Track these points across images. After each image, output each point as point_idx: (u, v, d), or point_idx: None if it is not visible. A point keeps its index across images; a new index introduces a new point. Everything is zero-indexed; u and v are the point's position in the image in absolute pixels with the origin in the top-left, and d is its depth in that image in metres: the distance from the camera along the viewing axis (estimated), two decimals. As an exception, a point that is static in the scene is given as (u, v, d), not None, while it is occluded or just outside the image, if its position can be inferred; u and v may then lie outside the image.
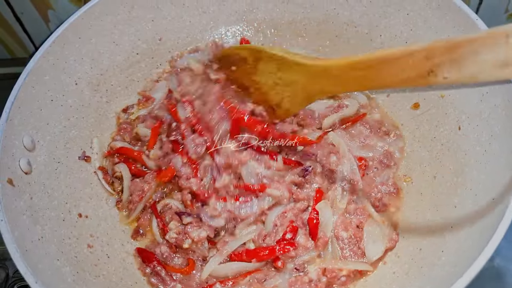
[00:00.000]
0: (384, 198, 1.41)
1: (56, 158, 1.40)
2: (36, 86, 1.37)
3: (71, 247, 1.28)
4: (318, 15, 1.67)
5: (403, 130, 1.54)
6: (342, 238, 1.34)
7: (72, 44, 1.48)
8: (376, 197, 1.41)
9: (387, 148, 1.49)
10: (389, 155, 1.48)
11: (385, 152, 1.49)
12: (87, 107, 1.53)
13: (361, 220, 1.36)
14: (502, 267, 1.49)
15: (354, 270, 1.30)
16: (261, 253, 1.30)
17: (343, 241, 1.34)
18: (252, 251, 1.31)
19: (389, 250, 1.33)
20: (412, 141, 1.50)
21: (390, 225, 1.36)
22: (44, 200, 1.30)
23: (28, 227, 1.19)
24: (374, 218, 1.36)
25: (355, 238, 1.34)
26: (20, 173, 1.26)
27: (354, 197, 1.40)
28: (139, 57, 1.65)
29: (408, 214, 1.39)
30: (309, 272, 1.30)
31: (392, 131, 1.54)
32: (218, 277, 1.32)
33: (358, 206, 1.38)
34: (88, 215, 1.40)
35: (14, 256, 1.06)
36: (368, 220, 1.36)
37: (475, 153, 1.27)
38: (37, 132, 1.36)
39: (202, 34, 1.73)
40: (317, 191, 1.39)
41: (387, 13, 1.54)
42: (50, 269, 1.15)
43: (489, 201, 1.14)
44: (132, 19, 1.60)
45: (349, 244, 1.34)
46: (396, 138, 1.52)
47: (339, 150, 1.45)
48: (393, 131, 1.54)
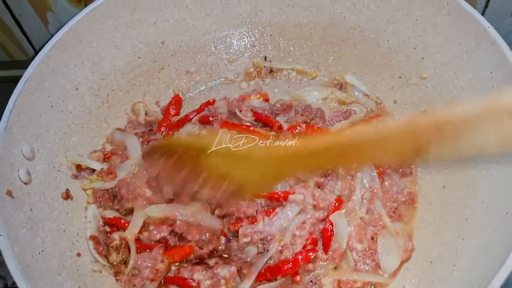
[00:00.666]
0: (400, 208, 1.38)
1: (56, 166, 1.37)
2: (36, 92, 1.33)
3: (72, 260, 1.25)
4: (324, 19, 1.63)
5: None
6: (357, 251, 1.31)
7: (72, 48, 1.44)
8: (392, 207, 1.38)
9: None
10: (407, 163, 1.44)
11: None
12: (88, 113, 1.50)
13: (375, 232, 1.33)
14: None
15: (369, 282, 1.27)
16: (285, 266, 1.25)
17: (358, 254, 1.31)
18: (276, 268, 1.26)
19: (405, 261, 1.30)
20: (420, 149, 1.47)
21: (405, 235, 1.32)
22: (44, 210, 1.27)
23: (28, 240, 1.16)
24: (388, 229, 1.32)
25: (369, 250, 1.31)
26: (19, 184, 1.22)
27: (371, 205, 1.36)
28: (141, 61, 1.62)
29: (417, 225, 1.37)
30: (324, 285, 1.27)
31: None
32: None
33: (374, 216, 1.34)
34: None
35: (14, 274, 1.02)
36: (382, 231, 1.33)
37: (487, 164, 1.24)
38: (36, 140, 1.32)
39: (205, 37, 1.69)
40: (337, 200, 1.36)
41: (395, 18, 1.51)
42: (52, 285, 1.12)
43: (502, 214, 1.11)
44: (134, 22, 1.57)
45: (363, 257, 1.30)
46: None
47: None
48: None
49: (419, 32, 1.47)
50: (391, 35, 1.54)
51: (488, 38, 1.26)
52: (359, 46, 1.62)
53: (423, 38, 1.46)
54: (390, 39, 1.55)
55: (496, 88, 1.24)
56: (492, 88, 1.25)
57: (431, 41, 1.44)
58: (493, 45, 1.25)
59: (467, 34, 1.33)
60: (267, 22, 1.69)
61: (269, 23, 1.69)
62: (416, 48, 1.49)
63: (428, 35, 1.45)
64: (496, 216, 1.14)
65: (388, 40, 1.55)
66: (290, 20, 1.67)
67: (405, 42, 1.51)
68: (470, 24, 1.32)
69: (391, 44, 1.55)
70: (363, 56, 1.62)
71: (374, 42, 1.58)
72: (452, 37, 1.38)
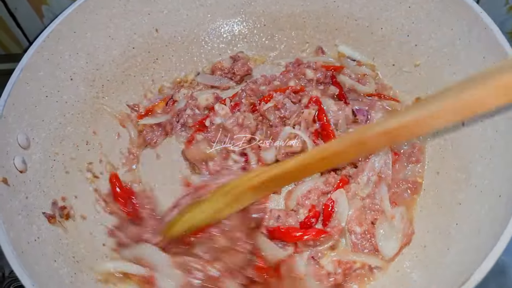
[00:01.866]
0: (404, 193, 1.38)
1: (51, 155, 1.37)
2: (31, 82, 1.34)
3: (68, 248, 1.25)
4: (318, 8, 1.64)
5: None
6: (356, 233, 1.31)
7: (67, 38, 1.44)
8: (396, 192, 1.38)
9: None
10: (419, 150, 1.44)
11: (413, 145, 1.45)
12: (83, 103, 1.50)
13: (375, 217, 1.33)
14: (505, 262, 1.48)
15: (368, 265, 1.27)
16: (293, 233, 1.29)
17: (356, 236, 1.31)
18: (286, 232, 1.30)
19: (404, 245, 1.30)
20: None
21: (406, 220, 1.32)
22: (40, 199, 1.27)
23: (24, 227, 1.16)
24: (386, 214, 1.32)
25: (368, 234, 1.31)
26: (15, 172, 1.23)
27: (376, 189, 1.36)
28: (135, 51, 1.62)
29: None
30: (324, 265, 1.27)
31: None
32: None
33: (375, 200, 1.35)
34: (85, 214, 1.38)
35: (10, 258, 1.03)
36: (382, 216, 1.33)
37: (479, 149, 1.25)
38: (32, 129, 1.33)
39: (199, 27, 1.70)
40: (342, 179, 1.37)
41: (388, 6, 1.52)
42: (47, 271, 1.12)
43: (496, 198, 1.12)
44: (128, 13, 1.57)
45: (361, 240, 1.31)
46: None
47: None
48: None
49: (412, 19, 1.48)
50: (385, 22, 1.55)
51: (481, 24, 1.27)
52: (353, 34, 1.63)
53: (416, 25, 1.47)
54: (383, 27, 1.55)
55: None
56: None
57: (424, 28, 1.45)
58: (486, 30, 1.26)
59: (459, 20, 1.34)
60: (261, 12, 1.70)
61: (263, 13, 1.70)
62: (410, 35, 1.50)
63: (421, 22, 1.46)
64: (489, 199, 1.14)
65: (382, 28, 1.56)
66: (283, 10, 1.68)
67: (398, 29, 1.52)
68: (462, 10, 1.32)
69: (384, 32, 1.56)
70: (357, 44, 1.63)
71: (367, 30, 1.59)
72: (445, 24, 1.39)
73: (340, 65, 1.63)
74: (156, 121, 1.59)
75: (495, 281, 1.47)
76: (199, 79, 1.69)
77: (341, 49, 1.66)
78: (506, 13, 1.93)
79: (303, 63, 1.61)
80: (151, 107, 1.63)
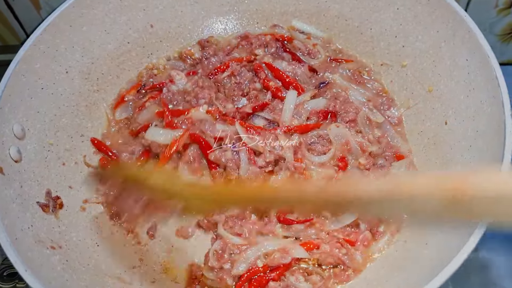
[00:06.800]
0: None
1: (46, 146, 1.41)
2: (27, 74, 1.37)
3: (60, 236, 1.29)
4: (310, 7, 1.68)
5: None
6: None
7: (63, 32, 1.48)
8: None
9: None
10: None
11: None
12: (77, 96, 1.53)
13: None
14: (487, 258, 1.51)
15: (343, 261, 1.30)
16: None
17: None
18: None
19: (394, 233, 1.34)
20: (399, 134, 1.52)
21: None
22: (34, 188, 1.31)
23: (18, 215, 1.20)
24: None
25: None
26: (10, 161, 1.26)
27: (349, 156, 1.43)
28: (130, 46, 1.66)
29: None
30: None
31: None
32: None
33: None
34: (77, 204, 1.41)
35: (4, 245, 1.07)
36: None
37: (460, 148, 1.29)
38: (27, 120, 1.36)
39: (194, 24, 1.73)
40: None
41: (378, 7, 1.56)
42: (40, 258, 1.16)
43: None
44: (124, 8, 1.60)
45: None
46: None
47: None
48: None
49: (400, 21, 1.52)
50: (374, 23, 1.59)
51: (465, 27, 1.31)
52: (343, 34, 1.66)
53: (404, 27, 1.51)
54: (372, 28, 1.59)
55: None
56: (468, 75, 1.30)
57: (412, 30, 1.49)
58: (469, 34, 1.29)
59: (444, 23, 1.38)
60: (254, 10, 1.73)
61: (256, 11, 1.73)
62: (397, 36, 1.54)
63: (409, 24, 1.50)
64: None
65: (371, 28, 1.60)
66: (276, 8, 1.72)
67: (387, 30, 1.56)
68: (448, 13, 1.37)
69: (373, 33, 1.60)
70: (347, 44, 1.66)
71: (357, 30, 1.63)
72: (431, 26, 1.43)
73: (289, 36, 1.70)
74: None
75: (478, 277, 1.50)
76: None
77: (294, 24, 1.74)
78: (496, 16, 1.96)
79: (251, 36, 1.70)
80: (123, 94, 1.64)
